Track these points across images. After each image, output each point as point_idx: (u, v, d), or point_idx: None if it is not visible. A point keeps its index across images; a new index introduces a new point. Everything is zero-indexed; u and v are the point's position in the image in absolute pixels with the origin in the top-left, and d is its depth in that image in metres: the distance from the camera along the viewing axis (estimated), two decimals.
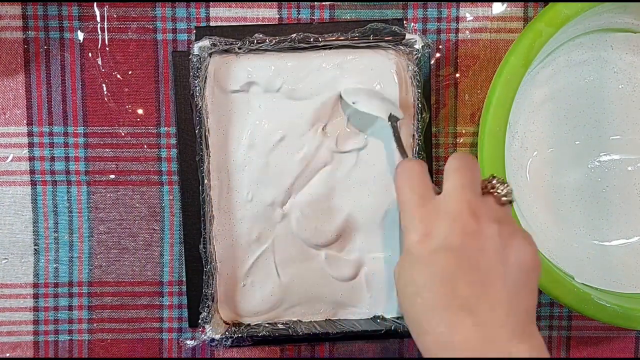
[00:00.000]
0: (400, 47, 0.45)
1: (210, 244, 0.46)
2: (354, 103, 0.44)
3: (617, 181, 0.48)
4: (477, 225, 0.32)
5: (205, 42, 0.44)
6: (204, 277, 0.45)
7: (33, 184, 0.47)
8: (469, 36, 0.47)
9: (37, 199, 0.47)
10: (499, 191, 0.34)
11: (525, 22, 0.47)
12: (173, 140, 0.47)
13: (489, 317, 0.31)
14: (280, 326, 0.46)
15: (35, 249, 0.48)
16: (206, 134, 0.45)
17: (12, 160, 0.47)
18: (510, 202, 0.35)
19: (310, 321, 0.47)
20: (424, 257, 0.32)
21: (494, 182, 0.35)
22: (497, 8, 0.47)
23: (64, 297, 0.48)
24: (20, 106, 0.47)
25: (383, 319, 0.47)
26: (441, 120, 0.48)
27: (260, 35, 0.44)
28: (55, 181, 0.47)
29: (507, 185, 0.34)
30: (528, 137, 0.48)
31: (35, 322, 0.48)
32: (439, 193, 0.35)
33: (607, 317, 0.43)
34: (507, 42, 0.48)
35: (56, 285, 0.48)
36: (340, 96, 0.45)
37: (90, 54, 0.47)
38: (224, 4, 0.47)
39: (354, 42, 0.45)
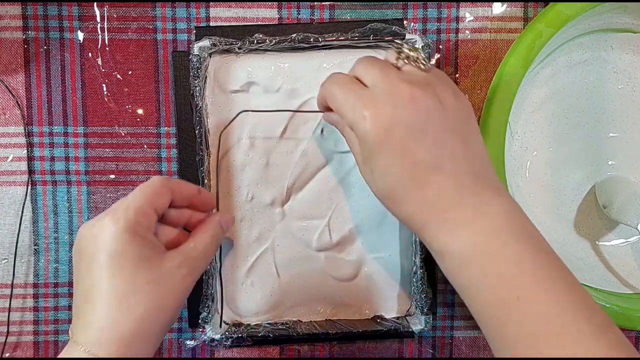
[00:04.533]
0: None
1: None
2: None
3: None
4: (414, 93, 0.33)
5: (205, 42, 0.44)
6: (204, 277, 0.45)
7: (33, 184, 0.47)
8: (469, 36, 0.47)
9: (37, 199, 0.47)
10: (416, 59, 0.36)
11: (525, 22, 0.47)
12: (173, 140, 0.47)
13: (454, 168, 0.33)
14: (280, 326, 0.46)
15: (35, 249, 0.48)
16: (206, 134, 0.45)
17: (12, 160, 0.47)
18: (429, 66, 0.36)
19: (310, 321, 0.47)
20: (380, 139, 0.33)
21: (404, 52, 0.36)
22: (497, 8, 0.47)
23: (63, 297, 0.48)
24: (20, 106, 0.47)
25: (383, 319, 0.47)
26: None
27: (260, 35, 0.44)
28: (55, 181, 0.47)
29: (417, 50, 0.36)
30: (528, 137, 0.48)
31: (35, 322, 0.48)
32: None
33: None
34: (507, 42, 0.48)
35: (56, 285, 0.48)
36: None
37: (90, 54, 0.47)
38: (224, 4, 0.47)
39: (354, 42, 0.45)
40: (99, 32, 0.47)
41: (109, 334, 0.33)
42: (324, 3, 0.47)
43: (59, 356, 0.35)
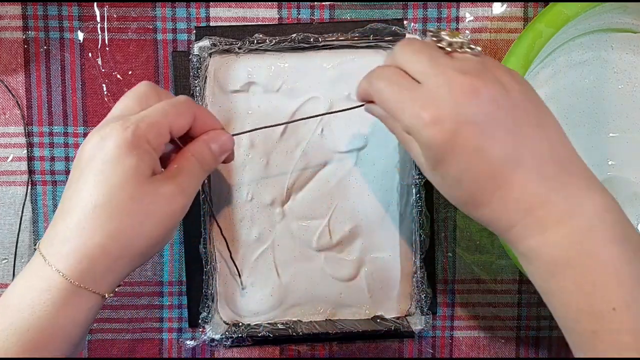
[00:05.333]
0: None
1: (210, 244, 0.46)
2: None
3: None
4: (475, 84, 0.30)
5: (205, 42, 0.44)
6: (204, 277, 0.45)
7: (33, 184, 0.47)
8: (469, 36, 0.47)
9: (37, 199, 0.47)
10: (461, 44, 0.32)
11: (525, 22, 0.47)
12: None
13: (535, 160, 0.30)
14: (280, 326, 0.46)
15: (35, 249, 0.47)
16: None
17: (12, 160, 0.47)
18: (478, 50, 0.32)
19: (310, 321, 0.47)
20: (448, 143, 0.29)
21: (445, 40, 0.32)
22: (497, 8, 0.47)
23: None
24: (20, 106, 0.47)
25: (383, 319, 0.47)
26: None
27: (260, 35, 0.44)
28: (55, 181, 0.47)
29: (458, 34, 0.32)
30: None
31: None
32: None
33: None
34: (507, 42, 0.48)
35: None
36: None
37: (90, 54, 0.47)
38: (224, 4, 0.47)
39: (354, 42, 0.45)
40: (99, 32, 0.47)
41: (72, 245, 0.30)
42: (324, 3, 0.47)
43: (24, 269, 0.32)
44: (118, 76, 0.47)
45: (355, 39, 0.45)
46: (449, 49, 0.32)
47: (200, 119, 0.35)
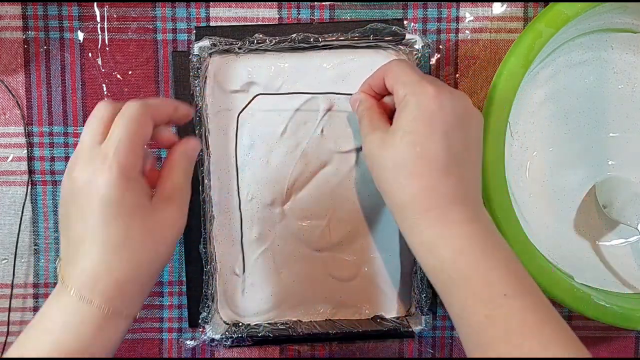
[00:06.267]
0: (400, 47, 0.45)
1: (210, 244, 0.46)
2: None
3: None
4: (466, 102, 0.38)
5: (206, 42, 0.44)
6: (204, 277, 0.45)
7: (33, 184, 0.47)
8: (469, 36, 0.47)
9: (37, 199, 0.47)
10: None
11: (525, 22, 0.47)
12: None
13: (468, 170, 0.37)
14: (280, 326, 0.46)
15: (35, 249, 0.48)
16: (206, 134, 0.45)
17: (12, 160, 0.47)
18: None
19: (310, 321, 0.47)
20: (433, 113, 0.36)
21: None
22: (497, 8, 0.47)
23: None
24: (20, 106, 0.47)
25: (383, 319, 0.47)
26: None
27: (260, 35, 0.44)
28: (55, 181, 0.47)
29: None
30: (528, 137, 0.48)
31: None
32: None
33: (607, 318, 0.43)
34: (507, 42, 0.48)
35: (56, 285, 0.48)
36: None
37: (90, 54, 0.47)
38: (224, 4, 0.47)
39: (354, 42, 0.45)
40: (99, 32, 0.47)
41: (106, 281, 0.33)
42: (324, 3, 0.47)
43: (49, 299, 0.34)
44: (118, 76, 0.47)
45: (355, 39, 0.45)
46: None
47: (156, 114, 0.36)
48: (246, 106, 0.45)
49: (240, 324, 0.46)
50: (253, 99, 0.45)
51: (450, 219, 0.35)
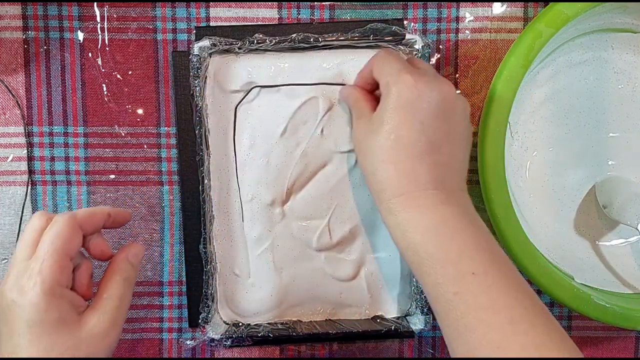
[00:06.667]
0: (400, 47, 0.45)
1: (210, 244, 0.46)
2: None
3: None
4: (450, 93, 0.39)
5: (205, 42, 0.44)
6: (204, 277, 0.45)
7: (33, 184, 0.47)
8: (469, 36, 0.47)
9: (37, 199, 0.47)
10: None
11: (525, 22, 0.47)
12: (173, 140, 0.47)
13: (448, 158, 0.38)
14: (280, 326, 0.46)
15: None
16: (206, 134, 0.45)
17: (12, 160, 0.47)
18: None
19: (310, 321, 0.47)
20: (411, 101, 0.37)
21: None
22: (497, 8, 0.47)
23: None
24: (20, 106, 0.47)
25: (383, 319, 0.47)
26: None
27: (260, 35, 0.44)
28: (55, 181, 0.47)
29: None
30: (528, 137, 0.48)
31: None
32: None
33: (607, 318, 0.43)
34: (507, 42, 0.48)
35: None
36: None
37: (90, 54, 0.47)
38: (224, 4, 0.47)
39: (354, 42, 0.45)
40: (99, 32, 0.47)
41: None
42: (324, 3, 0.47)
43: None
44: (118, 76, 0.47)
45: (355, 39, 0.45)
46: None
47: (87, 224, 0.36)
48: (243, 98, 0.45)
49: (240, 324, 0.46)
50: (250, 90, 0.45)
51: (422, 203, 0.37)
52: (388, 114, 0.38)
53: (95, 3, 0.46)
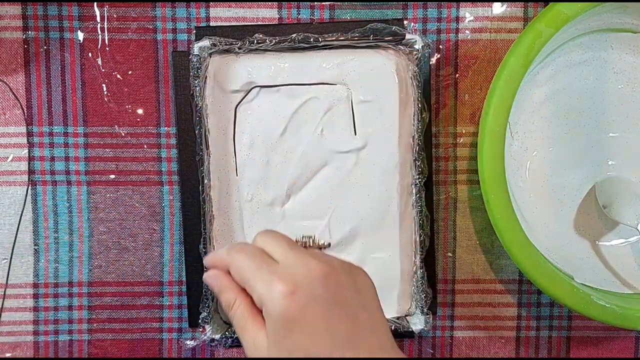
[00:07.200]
0: (400, 47, 0.45)
1: (210, 244, 0.46)
2: None
3: None
4: (326, 270, 0.33)
5: (205, 42, 0.44)
6: (203, 277, 0.45)
7: (33, 184, 0.47)
8: (469, 36, 0.47)
9: (37, 199, 0.47)
10: (317, 243, 0.38)
11: (525, 22, 0.47)
12: (173, 140, 0.47)
13: (369, 343, 0.33)
14: None
15: (35, 249, 0.48)
16: (206, 134, 0.45)
17: (12, 160, 0.47)
18: (328, 245, 0.39)
19: None
20: (297, 315, 0.32)
21: (304, 240, 0.38)
22: (497, 8, 0.47)
23: (63, 297, 0.48)
24: (20, 106, 0.47)
25: None
26: (441, 120, 0.48)
27: (260, 35, 0.44)
28: (55, 181, 0.47)
29: (314, 235, 0.38)
30: (528, 137, 0.48)
31: (35, 322, 0.48)
32: None
33: (607, 318, 0.43)
34: (507, 42, 0.48)
35: (56, 285, 0.48)
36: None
37: (90, 54, 0.47)
38: (224, 4, 0.47)
39: (354, 42, 0.45)
40: (99, 32, 0.47)
41: None
42: (324, 3, 0.47)
43: None
44: (118, 76, 0.47)
45: (355, 39, 0.45)
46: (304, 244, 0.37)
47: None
48: (243, 98, 0.45)
49: None
50: (250, 90, 0.45)
51: None
52: (271, 336, 0.33)
53: (95, 3, 0.46)
